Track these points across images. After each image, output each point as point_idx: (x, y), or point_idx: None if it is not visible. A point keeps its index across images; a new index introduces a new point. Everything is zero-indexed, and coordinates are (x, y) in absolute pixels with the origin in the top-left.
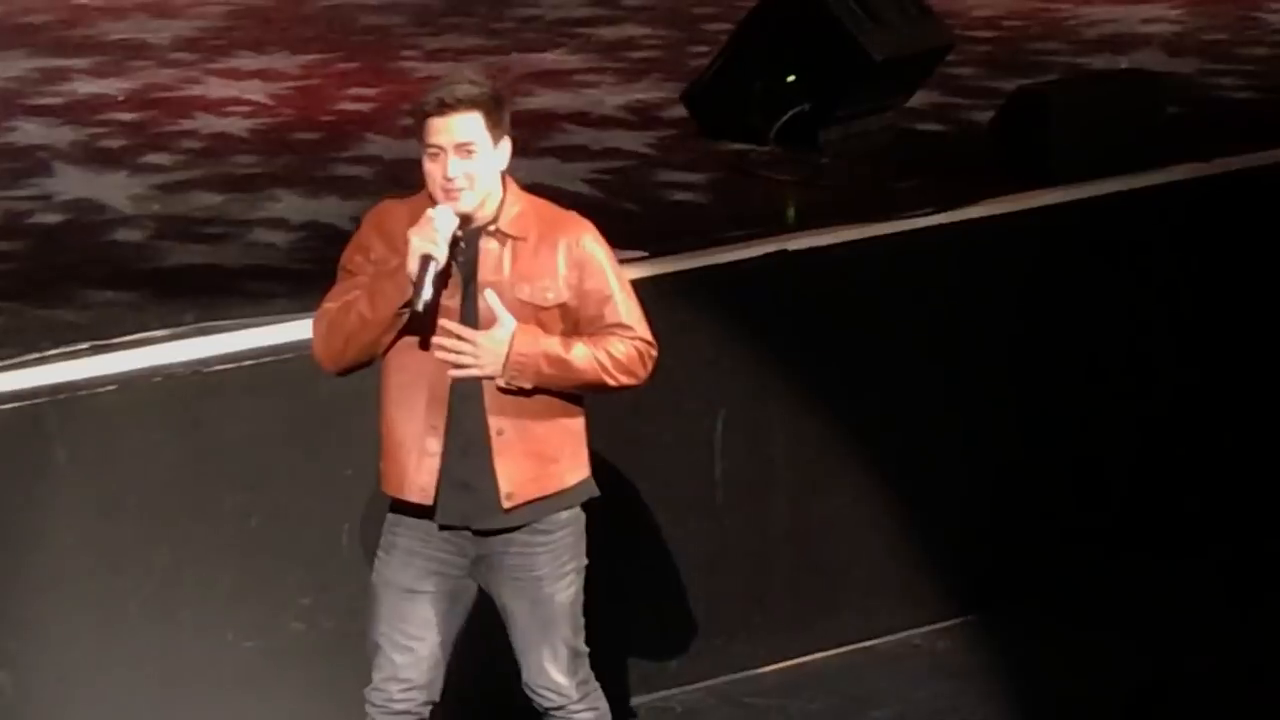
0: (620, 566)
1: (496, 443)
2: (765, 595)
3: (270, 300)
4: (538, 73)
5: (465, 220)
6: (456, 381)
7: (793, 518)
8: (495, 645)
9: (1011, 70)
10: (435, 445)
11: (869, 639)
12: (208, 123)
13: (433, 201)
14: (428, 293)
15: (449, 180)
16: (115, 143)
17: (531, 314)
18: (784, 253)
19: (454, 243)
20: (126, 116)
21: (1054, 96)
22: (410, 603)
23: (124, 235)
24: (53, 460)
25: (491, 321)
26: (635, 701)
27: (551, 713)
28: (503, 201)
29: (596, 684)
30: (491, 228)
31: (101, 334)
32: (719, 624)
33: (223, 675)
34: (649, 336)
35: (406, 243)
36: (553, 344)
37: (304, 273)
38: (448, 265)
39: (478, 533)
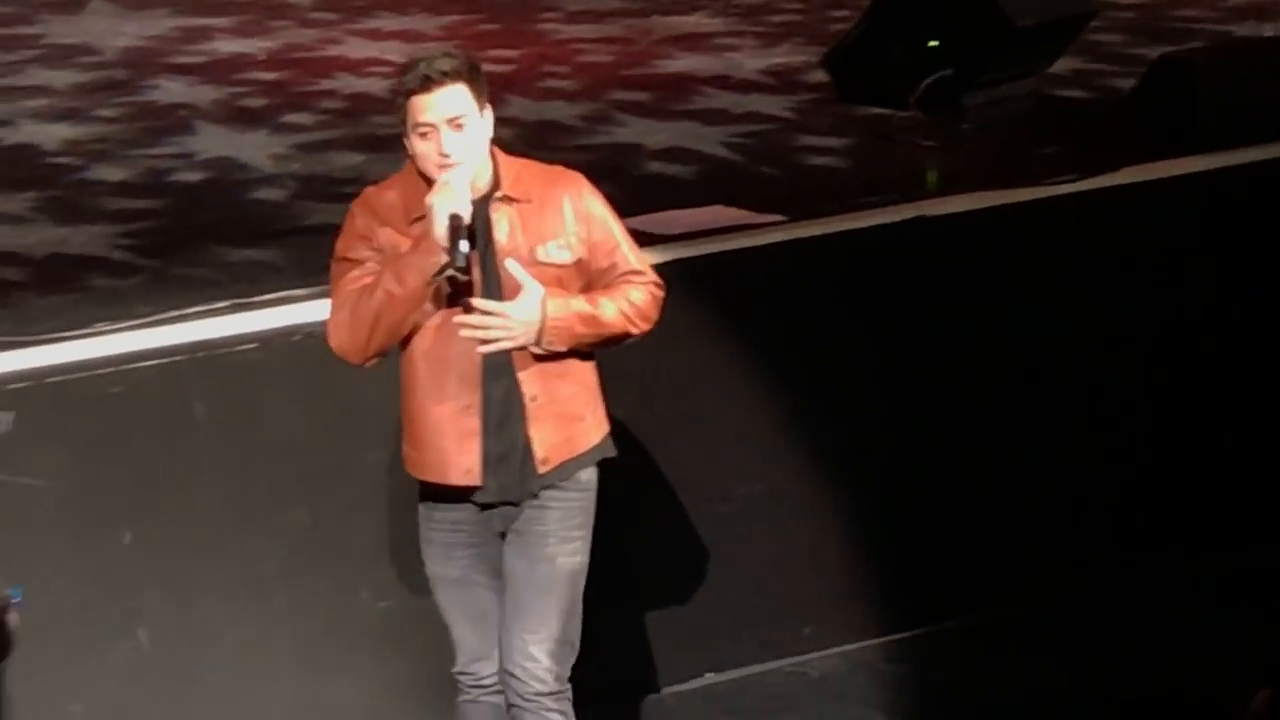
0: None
1: (530, 409)
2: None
3: None
4: (678, 36)
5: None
6: (485, 356)
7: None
8: None
9: (1155, 37)
10: (474, 424)
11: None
12: (348, 83)
13: (418, 180)
14: (465, 246)
15: (446, 156)
16: (256, 102)
17: (553, 274)
18: (922, 219)
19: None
20: (267, 76)
21: (1198, 64)
22: (463, 592)
23: (264, 194)
24: (192, 418)
25: (516, 290)
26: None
27: (523, 701)
28: (497, 168)
29: (570, 694)
30: (497, 194)
31: (241, 292)
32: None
33: (358, 634)
34: (658, 278)
35: (416, 219)
36: (581, 303)
37: None
38: (472, 227)
39: (506, 503)
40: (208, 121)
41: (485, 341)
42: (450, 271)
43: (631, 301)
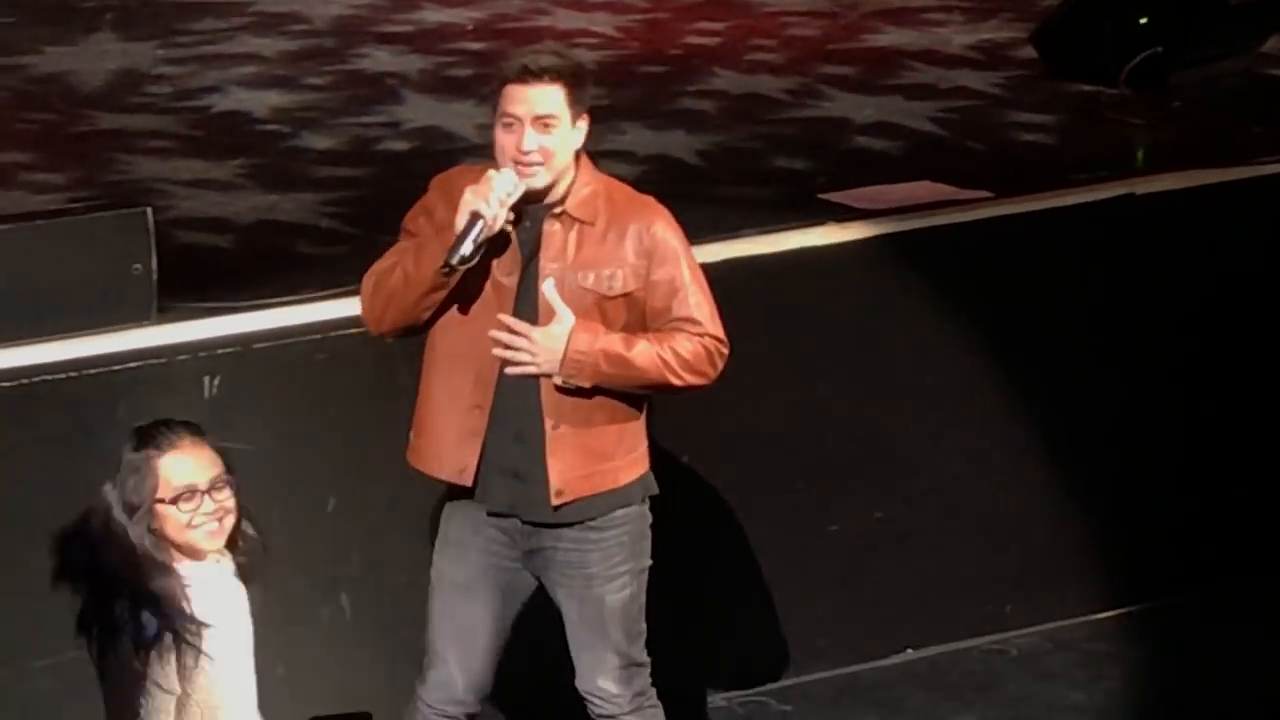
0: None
1: (550, 437)
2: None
3: None
4: (886, 10)
5: (533, 197)
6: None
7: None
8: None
9: None
10: (480, 424)
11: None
12: None
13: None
14: (467, 249)
15: (523, 154)
16: (463, 71)
17: (595, 302)
18: (1131, 196)
19: (517, 219)
20: (474, 46)
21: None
22: (462, 599)
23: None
24: (397, 386)
25: (549, 312)
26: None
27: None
28: (573, 182)
29: (655, 700)
30: (558, 209)
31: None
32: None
33: None
34: (720, 334)
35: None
36: (613, 341)
37: None
38: (504, 238)
39: (527, 523)
40: (415, 91)
41: (509, 361)
42: (446, 267)
43: (676, 351)
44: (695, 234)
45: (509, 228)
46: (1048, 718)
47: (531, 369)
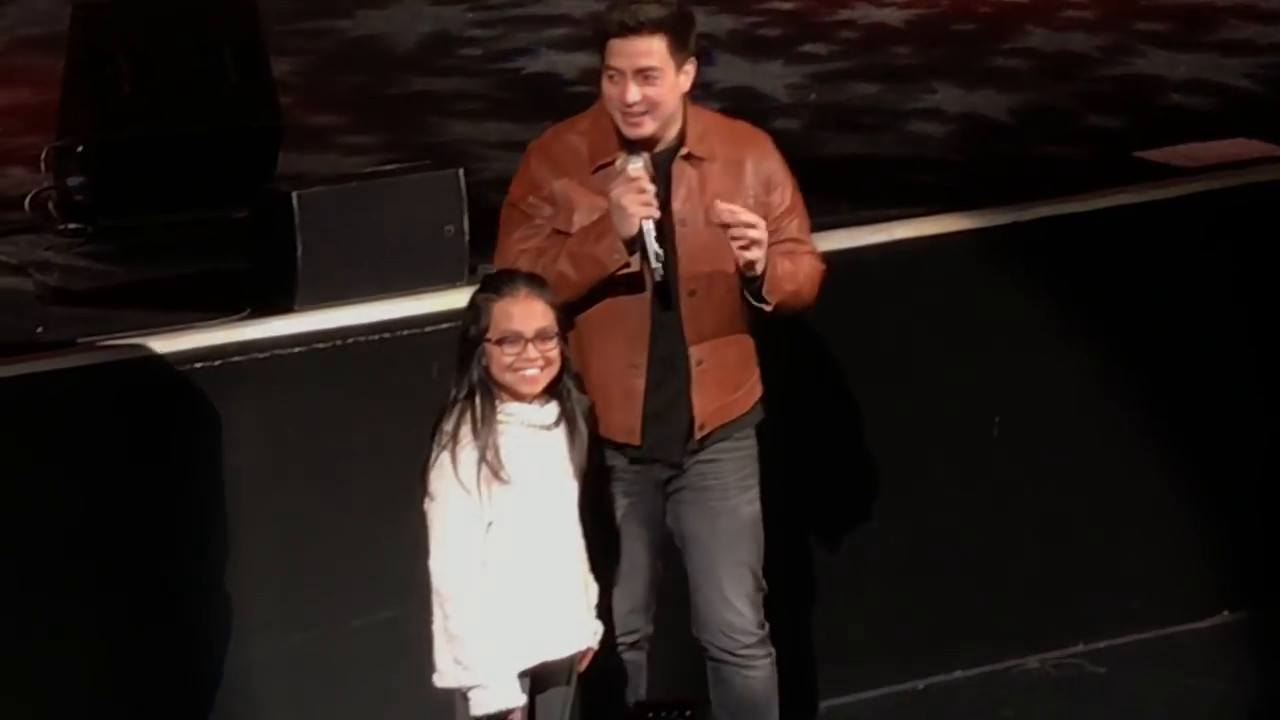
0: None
1: (696, 373)
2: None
3: (922, 191)
4: None
5: (650, 143)
6: (654, 316)
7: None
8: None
9: None
10: (639, 383)
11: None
12: (865, 13)
13: (607, 122)
14: (657, 248)
15: (628, 106)
16: (773, 31)
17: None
18: None
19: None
20: (785, 6)
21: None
22: (618, 539)
23: (781, 124)
24: None
25: (692, 258)
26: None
27: (730, 658)
28: (685, 123)
29: (769, 634)
30: (683, 152)
31: None
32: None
33: None
34: (820, 254)
35: (600, 166)
36: (779, 256)
37: (959, 165)
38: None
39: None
40: (725, 51)
41: (752, 244)
42: (659, 272)
43: (807, 269)
44: (1007, 194)
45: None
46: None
47: (758, 251)
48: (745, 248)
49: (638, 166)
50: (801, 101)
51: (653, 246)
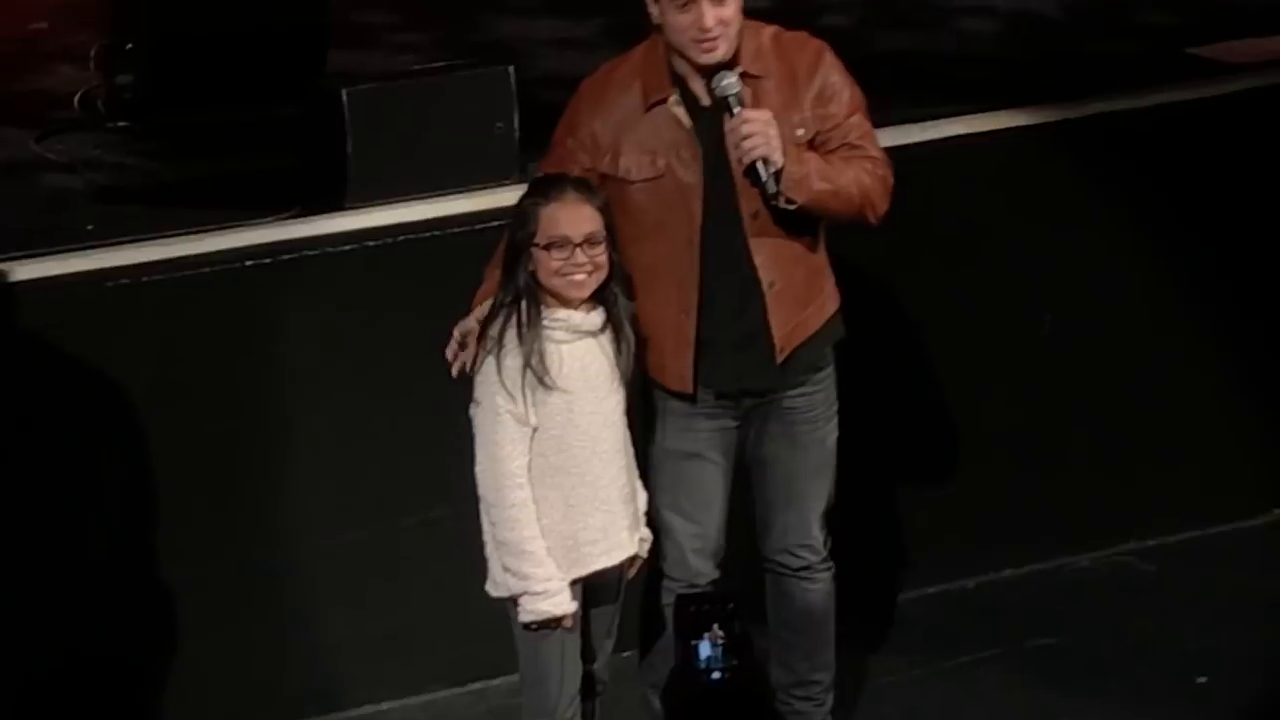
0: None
1: (769, 295)
2: None
3: (976, 87)
4: None
5: (714, 67)
6: (717, 252)
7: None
8: None
9: None
10: (690, 329)
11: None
12: None
13: (660, 58)
14: (771, 182)
15: (706, 31)
16: None
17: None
18: None
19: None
20: None
21: None
22: (695, 470)
23: (831, 20)
24: None
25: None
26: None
27: (798, 573)
28: (741, 41)
29: None
30: (738, 70)
31: None
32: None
33: None
34: (889, 162)
35: (655, 103)
36: (818, 160)
37: (1011, 61)
38: (672, 124)
39: (746, 392)
40: None
41: (747, 138)
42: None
43: (868, 176)
44: (1058, 91)
45: (679, 112)
46: None
47: (762, 147)
48: (738, 144)
49: (735, 89)
50: None
51: (768, 180)
